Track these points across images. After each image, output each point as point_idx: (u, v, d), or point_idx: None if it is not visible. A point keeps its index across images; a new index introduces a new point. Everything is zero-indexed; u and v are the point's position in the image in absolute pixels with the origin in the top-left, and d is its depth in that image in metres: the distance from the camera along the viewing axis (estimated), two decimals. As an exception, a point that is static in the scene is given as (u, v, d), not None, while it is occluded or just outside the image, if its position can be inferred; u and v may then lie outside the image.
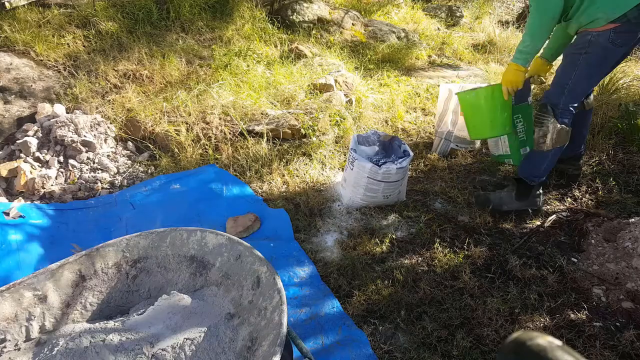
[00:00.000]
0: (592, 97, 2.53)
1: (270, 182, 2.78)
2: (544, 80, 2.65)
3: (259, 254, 1.33)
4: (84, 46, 3.51)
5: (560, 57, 2.40)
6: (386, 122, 3.55)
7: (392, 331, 1.88)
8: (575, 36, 2.22)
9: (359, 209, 2.59)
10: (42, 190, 2.56)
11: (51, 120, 2.86)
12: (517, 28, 5.99)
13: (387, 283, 2.09)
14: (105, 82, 3.28)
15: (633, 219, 2.37)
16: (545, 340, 0.52)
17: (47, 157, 2.72)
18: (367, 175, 2.46)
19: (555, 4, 2.01)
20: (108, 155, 2.86)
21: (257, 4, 4.63)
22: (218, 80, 3.43)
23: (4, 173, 2.58)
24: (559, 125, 2.26)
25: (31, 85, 3.12)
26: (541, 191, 2.56)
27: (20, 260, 2.08)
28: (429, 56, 5.02)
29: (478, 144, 3.24)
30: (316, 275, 2.14)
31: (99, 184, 2.67)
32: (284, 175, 2.83)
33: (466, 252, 2.29)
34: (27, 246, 2.15)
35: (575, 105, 2.28)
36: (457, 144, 3.19)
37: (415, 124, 3.60)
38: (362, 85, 3.89)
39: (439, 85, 3.79)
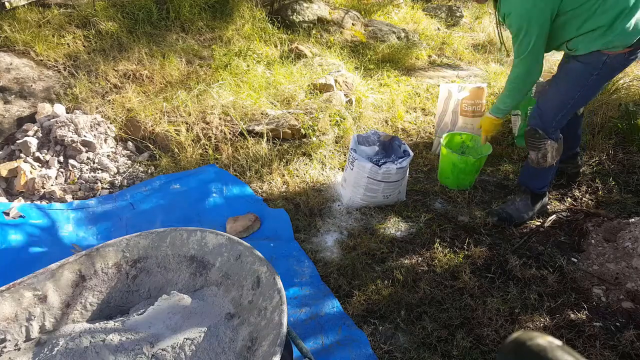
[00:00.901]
0: None
1: (270, 182, 2.78)
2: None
3: (259, 254, 1.33)
4: (84, 46, 3.51)
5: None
6: (386, 122, 3.55)
7: (392, 331, 1.88)
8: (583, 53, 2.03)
9: (359, 209, 2.59)
10: (42, 190, 2.56)
11: (51, 120, 2.86)
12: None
13: (387, 283, 2.09)
14: (105, 82, 3.28)
15: (633, 219, 2.37)
16: (545, 340, 0.52)
17: (47, 157, 2.72)
18: (367, 175, 2.46)
19: (537, 73, 2.08)
20: (108, 155, 2.86)
21: (257, 4, 4.63)
22: (218, 80, 3.43)
23: (4, 173, 2.58)
24: (555, 144, 2.24)
25: (31, 85, 3.12)
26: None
27: (20, 260, 2.08)
28: (429, 56, 5.02)
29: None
30: (316, 275, 2.14)
31: (99, 184, 2.67)
32: (284, 175, 2.83)
33: (466, 252, 2.29)
34: (27, 246, 2.15)
35: (565, 122, 2.23)
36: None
37: (415, 124, 3.60)
38: (362, 85, 3.89)
39: (439, 85, 3.79)
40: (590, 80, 2.05)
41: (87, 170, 2.74)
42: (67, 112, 3.03)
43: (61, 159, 2.74)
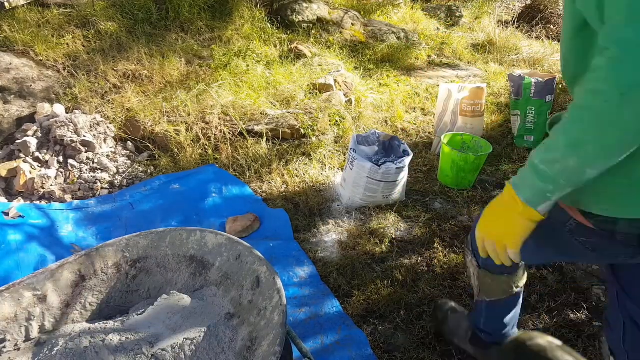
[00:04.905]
0: None
1: (270, 182, 2.78)
2: None
3: (259, 253, 1.33)
4: (83, 46, 3.50)
5: None
6: (386, 122, 3.55)
7: (392, 331, 1.88)
8: None
9: (359, 209, 2.59)
10: (42, 190, 2.56)
11: (51, 120, 2.86)
12: (517, 28, 5.99)
13: (387, 283, 2.09)
14: (104, 82, 3.28)
15: (632, 219, 2.37)
16: (545, 340, 0.52)
17: (47, 157, 2.71)
18: (367, 175, 2.46)
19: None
20: (107, 155, 2.86)
21: (257, 4, 4.63)
22: (218, 80, 3.43)
23: (4, 173, 2.58)
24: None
25: (31, 85, 3.11)
26: None
27: (20, 260, 2.08)
28: (429, 56, 5.02)
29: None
30: (316, 275, 2.13)
31: (99, 184, 2.67)
32: (283, 175, 2.83)
33: (466, 252, 2.29)
34: (26, 246, 2.15)
35: None
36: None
37: (415, 124, 3.60)
38: (361, 85, 3.89)
39: (438, 85, 3.79)
40: None
41: (86, 170, 2.74)
42: (67, 112, 3.03)
43: (61, 159, 2.74)
